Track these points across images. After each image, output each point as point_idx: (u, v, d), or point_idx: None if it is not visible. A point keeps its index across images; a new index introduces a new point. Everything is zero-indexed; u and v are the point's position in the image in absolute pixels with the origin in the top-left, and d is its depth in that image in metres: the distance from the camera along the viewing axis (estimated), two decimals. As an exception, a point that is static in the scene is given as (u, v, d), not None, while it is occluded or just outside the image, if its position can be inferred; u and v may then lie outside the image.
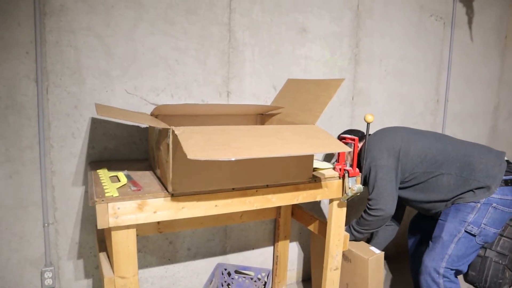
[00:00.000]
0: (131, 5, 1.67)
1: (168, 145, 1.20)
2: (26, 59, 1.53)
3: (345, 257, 1.85)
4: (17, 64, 1.52)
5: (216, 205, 1.31)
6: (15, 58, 1.51)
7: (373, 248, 1.84)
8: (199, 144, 1.08)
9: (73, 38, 1.59)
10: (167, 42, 1.75)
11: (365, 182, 1.80)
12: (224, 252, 2.11)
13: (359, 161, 1.80)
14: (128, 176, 1.38)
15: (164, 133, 1.26)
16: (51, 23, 1.55)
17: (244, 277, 2.04)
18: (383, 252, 1.82)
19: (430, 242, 1.73)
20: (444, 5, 2.64)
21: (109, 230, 1.20)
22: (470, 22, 2.82)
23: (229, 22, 1.88)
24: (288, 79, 1.93)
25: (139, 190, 1.23)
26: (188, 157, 0.99)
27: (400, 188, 1.79)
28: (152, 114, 1.55)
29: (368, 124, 1.62)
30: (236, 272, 2.06)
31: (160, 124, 1.25)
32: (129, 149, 1.75)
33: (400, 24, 2.46)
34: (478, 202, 1.61)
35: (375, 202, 1.71)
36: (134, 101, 1.72)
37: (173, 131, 1.15)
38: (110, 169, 1.49)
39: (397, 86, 2.49)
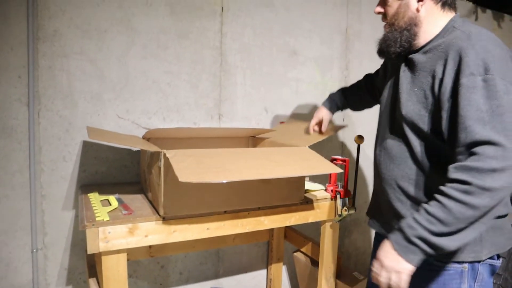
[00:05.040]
0: (124, 30, 1.70)
1: (159, 168, 1.20)
2: (18, 83, 1.53)
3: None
4: (9, 88, 1.52)
5: (208, 228, 1.30)
6: (7, 82, 1.52)
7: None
8: (190, 167, 1.08)
9: (66, 62, 1.61)
10: (160, 66, 1.78)
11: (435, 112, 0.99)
12: (217, 275, 2.07)
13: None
14: (119, 200, 1.37)
15: (155, 156, 1.26)
16: (44, 48, 1.56)
17: (237, 302, 2.00)
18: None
19: None
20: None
21: (100, 255, 1.19)
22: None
23: (220, 46, 1.91)
24: (279, 124, 1.94)
25: (130, 213, 1.23)
26: (180, 180, 0.99)
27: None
28: (144, 138, 1.55)
29: (358, 145, 1.64)
30: (229, 296, 2.02)
31: (152, 147, 1.25)
32: (120, 172, 1.74)
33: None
34: (464, 263, 1.03)
35: (503, 152, 0.81)
36: (126, 124, 1.73)
37: (164, 154, 1.15)
38: (101, 192, 1.48)
39: (387, 107, 2.52)
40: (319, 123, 1.58)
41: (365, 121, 2.44)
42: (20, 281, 1.60)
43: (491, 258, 1.04)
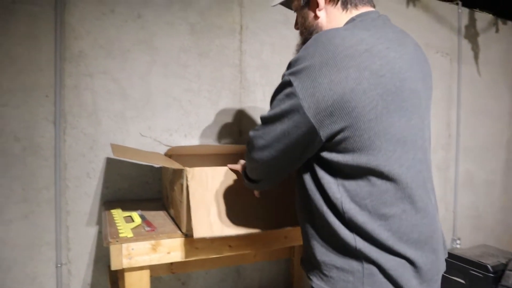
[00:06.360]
0: (146, 49, 1.74)
1: (182, 185, 1.21)
2: (45, 102, 1.59)
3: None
4: (36, 107, 1.58)
5: (230, 246, 1.30)
6: (35, 101, 1.57)
7: None
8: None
9: (90, 81, 1.65)
10: (180, 83, 1.81)
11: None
12: (236, 292, 2.06)
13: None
14: (142, 216, 1.39)
15: (178, 173, 1.28)
16: (70, 68, 1.62)
17: (258, 319, 1.98)
18: None
19: None
20: (449, 41, 2.70)
21: (122, 271, 1.20)
22: (476, 57, 2.86)
23: (240, 64, 1.94)
24: None
25: (153, 230, 1.24)
26: (195, 236, 1.00)
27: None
28: (166, 155, 1.57)
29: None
30: (249, 313, 2.00)
31: (174, 165, 1.27)
32: (142, 188, 1.76)
33: (407, 61, 2.50)
34: None
35: (251, 142, 0.93)
36: (148, 141, 1.76)
37: (186, 175, 1.17)
38: (124, 209, 1.50)
39: (407, 121, 2.50)
40: None
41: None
42: (45, 296, 1.63)
43: None
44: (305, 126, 0.80)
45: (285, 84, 0.83)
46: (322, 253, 0.88)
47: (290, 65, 0.85)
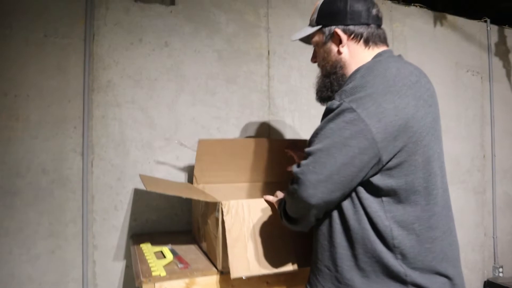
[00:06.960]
0: (173, 78, 1.72)
1: (216, 219, 1.15)
2: (73, 134, 1.57)
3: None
4: (65, 139, 1.56)
5: (267, 282, 1.21)
6: (64, 133, 1.55)
7: None
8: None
9: (118, 111, 1.63)
10: (208, 111, 1.77)
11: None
12: (268, 328, 1.95)
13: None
14: (173, 251, 1.32)
15: (212, 206, 1.22)
16: (98, 98, 1.60)
17: None
18: None
19: None
20: (479, 60, 2.61)
21: (155, 312, 1.13)
22: (508, 75, 2.76)
23: (268, 89, 1.90)
24: None
25: (186, 267, 1.17)
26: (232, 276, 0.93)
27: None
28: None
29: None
30: None
31: (208, 198, 1.21)
32: (171, 220, 1.70)
33: (436, 81, 2.41)
34: None
35: (300, 178, 0.84)
36: (176, 171, 1.71)
37: (222, 206, 1.11)
38: (153, 243, 1.44)
39: (440, 144, 2.40)
40: None
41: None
42: (71, 335, 1.56)
43: None
44: (372, 152, 0.80)
45: (343, 111, 0.82)
46: (363, 282, 0.86)
47: (345, 93, 0.85)
